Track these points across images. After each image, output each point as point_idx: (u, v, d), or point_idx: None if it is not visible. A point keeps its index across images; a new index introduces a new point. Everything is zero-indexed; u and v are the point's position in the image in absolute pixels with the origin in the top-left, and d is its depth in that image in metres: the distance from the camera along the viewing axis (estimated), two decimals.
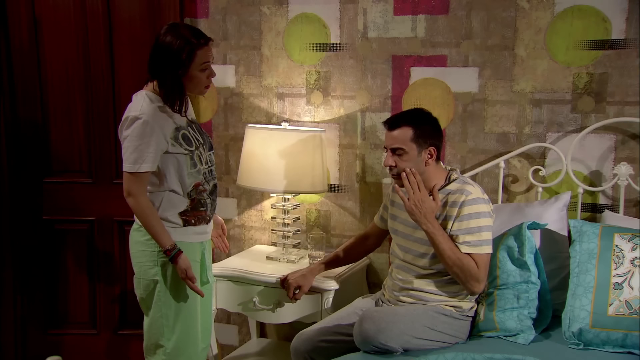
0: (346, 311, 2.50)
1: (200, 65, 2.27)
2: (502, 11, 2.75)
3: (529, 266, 2.36)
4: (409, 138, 2.33)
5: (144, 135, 2.22)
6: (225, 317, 3.40)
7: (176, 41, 2.22)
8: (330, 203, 3.15)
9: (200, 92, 2.37)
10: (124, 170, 2.26)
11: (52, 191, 3.35)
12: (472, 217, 2.28)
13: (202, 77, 2.30)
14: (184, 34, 2.24)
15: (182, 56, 2.22)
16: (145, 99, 2.27)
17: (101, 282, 3.38)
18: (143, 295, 2.38)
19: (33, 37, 3.23)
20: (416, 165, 2.34)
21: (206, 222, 2.43)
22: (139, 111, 2.23)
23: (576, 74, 2.69)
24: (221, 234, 2.69)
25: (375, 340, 2.14)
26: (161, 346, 2.38)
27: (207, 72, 2.31)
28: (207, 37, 2.28)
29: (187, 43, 2.22)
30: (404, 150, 2.33)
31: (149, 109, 2.24)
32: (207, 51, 2.28)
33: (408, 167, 2.33)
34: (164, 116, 2.28)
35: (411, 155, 2.33)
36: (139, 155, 2.23)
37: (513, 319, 2.31)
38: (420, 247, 2.38)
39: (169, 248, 2.27)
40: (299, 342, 2.42)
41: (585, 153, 2.70)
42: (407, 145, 2.33)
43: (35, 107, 3.28)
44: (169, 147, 2.28)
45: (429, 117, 2.40)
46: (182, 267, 2.28)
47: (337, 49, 3.05)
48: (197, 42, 2.24)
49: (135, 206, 2.27)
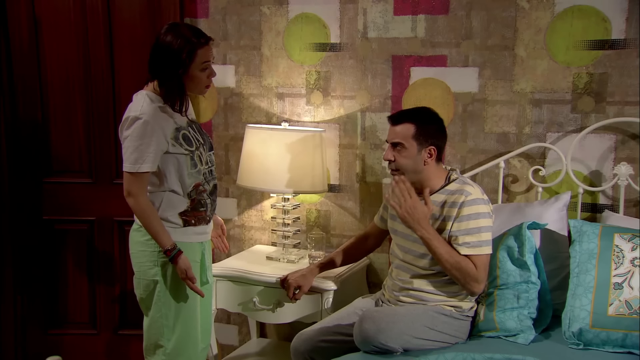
0: (346, 311, 2.49)
1: (201, 64, 2.27)
2: (502, 11, 2.75)
3: (529, 266, 2.35)
4: (410, 135, 2.33)
5: (144, 135, 2.22)
6: (225, 317, 3.40)
7: (177, 40, 2.22)
8: (330, 203, 3.15)
9: (201, 91, 2.37)
10: (124, 170, 2.25)
11: (52, 191, 3.35)
12: (472, 218, 2.28)
13: (202, 76, 2.30)
14: (185, 33, 2.24)
15: (182, 55, 2.22)
16: (146, 99, 2.26)
17: (101, 282, 3.38)
18: (143, 295, 2.38)
19: (33, 37, 3.23)
20: (414, 163, 2.34)
21: (206, 223, 2.43)
22: (139, 111, 2.23)
23: (576, 74, 2.69)
24: (221, 234, 2.69)
25: (375, 340, 2.14)
26: (161, 346, 2.38)
27: (207, 72, 2.31)
28: (208, 37, 2.28)
29: (187, 42, 2.22)
30: (404, 146, 2.34)
31: (150, 109, 2.24)
32: (207, 51, 2.28)
33: (406, 163, 2.34)
34: (164, 116, 2.28)
35: (410, 152, 2.34)
36: (139, 155, 2.22)
37: (513, 319, 2.31)
38: (419, 247, 2.38)
39: (169, 248, 2.27)
40: (299, 342, 2.42)
41: (585, 153, 2.70)
42: (407, 141, 2.33)
43: (35, 107, 3.28)
44: (170, 147, 2.28)
45: (434, 117, 2.40)
46: (182, 268, 2.28)
47: (337, 49, 3.05)
48: (197, 42, 2.24)
49: (135, 206, 2.27)
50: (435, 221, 2.35)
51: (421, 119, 2.36)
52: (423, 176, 2.37)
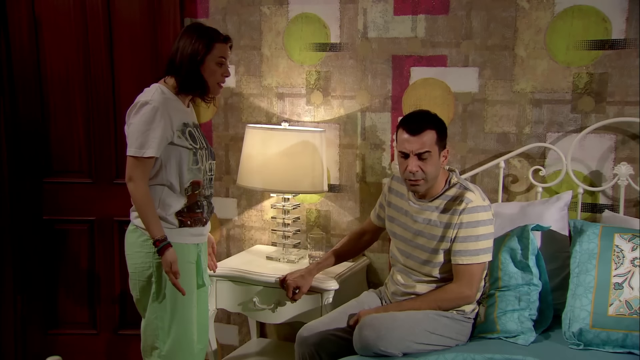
0: (353, 305, 2.47)
1: (217, 58, 2.33)
2: (502, 11, 2.75)
3: (531, 268, 2.35)
4: (434, 141, 2.30)
5: (152, 120, 2.23)
6: (225, 317, 3.40)
7: (198, 32, 2.32)
8: (330, 203, 3.15)
9: (213, 86, 2.38)
10: (128, 155, 2.25)
11: (52, 191, 3.35)
12: (471, 226, 2.27)
13: (217, 70, 2.34)
14: (206, 29, 2.35)
15: (200, 45, 2.29)
16: (158, 90, 2.30)
17: (101, 282, 3.38)
18: (139, 296, 2.39)
19: (33, 37, 3.22)
20: (437, 169, 2.32)
21: (202, 224, 2.42)
22: (150, 97, 2.26)
23: (576, 74, 2.68)
24: (211, 253, 2.65)
25: (375, 347, 2.11)
26: (156, 348, 2.38)
27: (222, 69, 2.36)
28: (227, 37, 2.38)
29: (207, 35, 2.32)
30: (431, 154, 2.28)
31: (160, 98, 2.27)
32: (224, 48, 2.36)
33: (433, 171, 2.30)
34: (174, 107, 2.31)
35: (434, 158, 2.30)
36: (145, 140, 2.23)
37: (514, 320, 2.31)
38: (421, 253, 2.37)
39: (159, 239, 2.25)
40: (307, 331, 2.38)
41: (585, 153, 2.70)
42: (432, 148, 2.29)
43: (35, 107, 3.28)
44: (175, 138, 2.29)
45: (440, 119, 2.38)
46: (167, 260, 2.25)
47: (337, 49, 3.05)
48: (217, 37, 2.34)
49: (134, 191, 2.26)
50: (436, 228, 2.33)
51: (436, 123, 2.33)
52: (436, 180, 2.35)
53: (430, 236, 2.34)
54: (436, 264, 2.33)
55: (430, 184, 2.33)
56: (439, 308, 2.29)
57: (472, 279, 2.28)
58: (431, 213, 2.35)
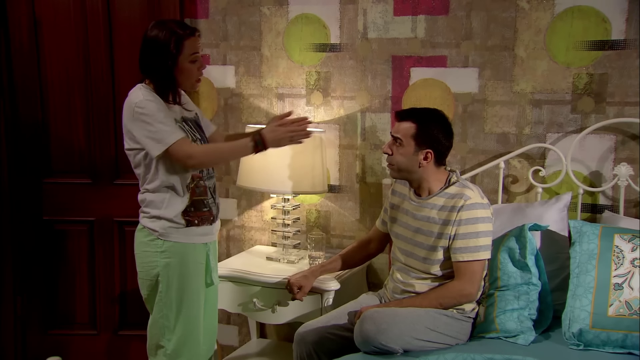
0: (352, 306, 2.48)
1: (190, 56, 2.28)
2: (502, 12, 2.75)
3: (529, 268, 2.35)
4: (410, 134, 2.35)
5: (155, 111, 2.23)
6: (225, 317, 3.40)
7: (162, 33, 2.25)
8: (330, 204, 3.15)
9: (192, 85, 2.37)
10: (169, 151, 2.23)
11: (52, 191, 3.35)
12: (470, 223, 2.28)
13: (192, 68, 2.31)
14: (170, 26, 2.28)
15: (170, 47, 2.24)
16: (142, 89, 2.30)
17: (101, 282, 3.38)
18: (147, 295, 2.39)
19: (33, 37, 3.22)
20: (409, 162, 2.36)
21: (210, 223, 2.41)
22: (141, 97, 2.25)
23: (576, 74, 2.69)
24: None
25: (376, 341, 2.13)
26: (161, 347, 2.38)
27: (197, 64, 2.32)
28: (193, 28, 2.31)
29: (173, 34, 2.25)
30: (402, 143, 2.36)
31: (149, 95, 2.27)
32: (194, 42, 2.30)
33: (400, 160, 2.37)
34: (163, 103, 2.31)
35: (407, 150, 2.35)
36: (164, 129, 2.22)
37: (513, 319, 2.31)
38: (421, 251, 2.38)
39: (252, 144, 2.26)
40: (305, 330, 2.39)
41: (585, 153, 2.70)
42: (406, 139, 2.35)
43: (35, 107, 3.28)
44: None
45: (440, 121, 2.39)
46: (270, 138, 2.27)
47: (337, 50, 3.05)
48: (183, 33, 2.27)
49: (202, 159, 2.28)
50: (434, 225, 2.34)
51: (425, 120, 2.36)
52: (417, 176, 2.38)
53: (429, 233, 2.35)
54: (435, 262, 2.34)
55: (401, 175, 2.41)
56: (440, 305, 2.30)
57: (473, 276, 2.29)
58: (430, 210, 2.36)
